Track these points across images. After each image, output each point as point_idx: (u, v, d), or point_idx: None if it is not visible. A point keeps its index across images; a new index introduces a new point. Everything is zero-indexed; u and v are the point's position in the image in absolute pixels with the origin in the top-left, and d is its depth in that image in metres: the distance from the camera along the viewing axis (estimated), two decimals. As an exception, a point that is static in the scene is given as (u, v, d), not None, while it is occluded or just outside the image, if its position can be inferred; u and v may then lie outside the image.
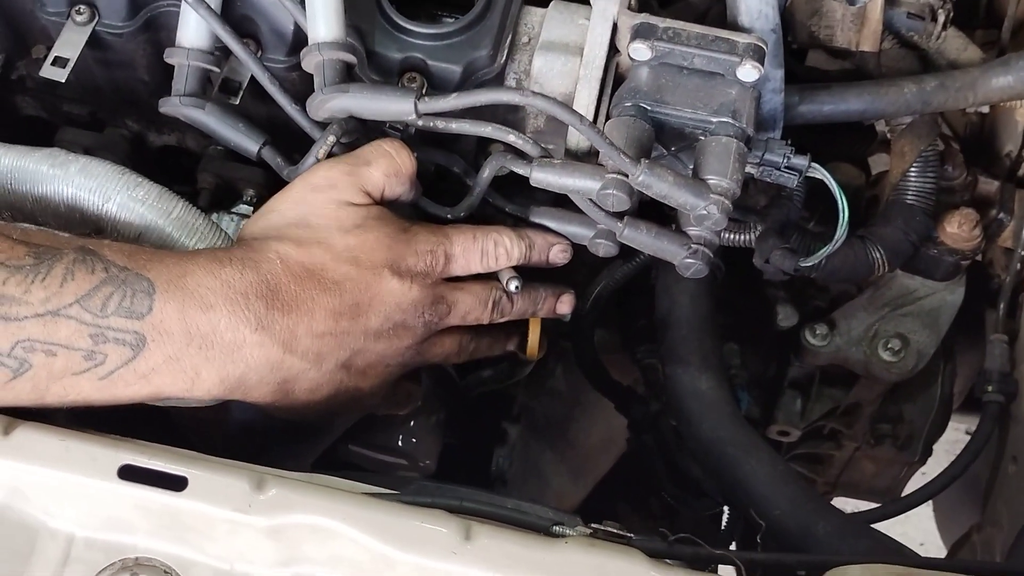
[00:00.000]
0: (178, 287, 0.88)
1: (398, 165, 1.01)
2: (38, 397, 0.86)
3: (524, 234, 1.07)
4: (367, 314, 0.97)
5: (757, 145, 1.06)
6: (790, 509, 1.11)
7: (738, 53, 1.01)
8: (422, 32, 1.04)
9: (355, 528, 0.80)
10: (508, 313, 1.09)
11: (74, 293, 0.85)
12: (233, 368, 0.91)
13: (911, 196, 1.23)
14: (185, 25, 1.01)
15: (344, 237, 0.97)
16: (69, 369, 0.86)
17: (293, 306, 0.93)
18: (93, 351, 0.86)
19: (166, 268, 0.89)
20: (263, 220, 0.99)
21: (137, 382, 0.88)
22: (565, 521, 0.86)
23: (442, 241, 1.02)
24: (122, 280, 0.86)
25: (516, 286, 1.06)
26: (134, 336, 0.86)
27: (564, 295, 1.14)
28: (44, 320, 0.84)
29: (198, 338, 0.89)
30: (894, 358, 1.33)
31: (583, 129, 0.97)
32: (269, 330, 0.92)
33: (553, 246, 1.09)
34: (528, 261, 1.07)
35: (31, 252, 0.85)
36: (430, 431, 1.26)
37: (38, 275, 0.84)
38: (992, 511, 1.28)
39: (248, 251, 0.94)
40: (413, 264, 0.99)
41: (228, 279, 0.90)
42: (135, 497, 0.81)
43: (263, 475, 0.82)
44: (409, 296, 0.99)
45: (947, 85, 1.18)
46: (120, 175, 0.97)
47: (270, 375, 0.93)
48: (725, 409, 1.18)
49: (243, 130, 1.03)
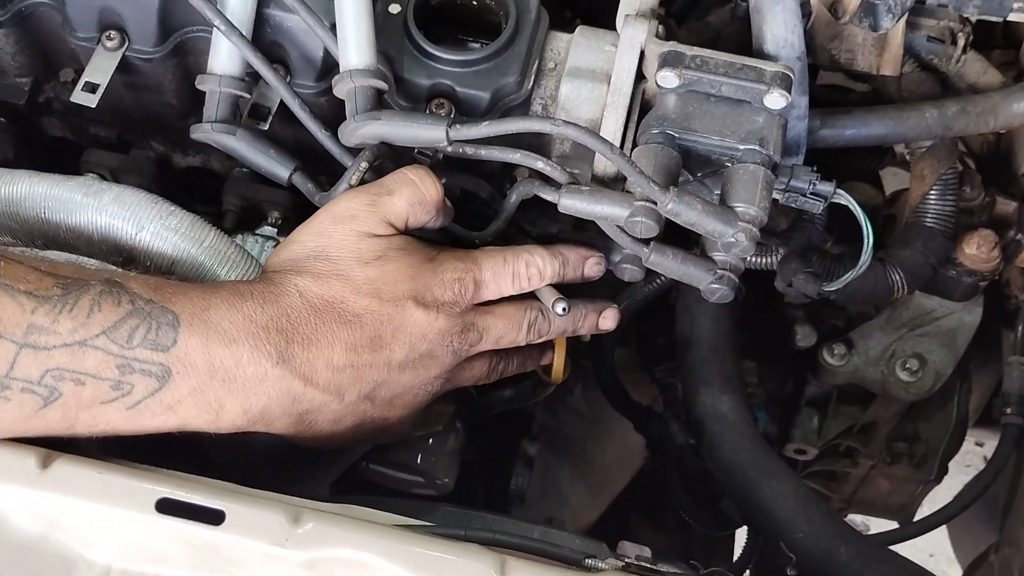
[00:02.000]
0: (202, 320, 0.88)
1: (422, 194, 1.00)
2: (68, 426, 0.87)
3: (557, 251, 1.06)
4: (390, 346, 0.97)
5: (783, 172, 1.06)
6: (812, 532, 1.12)
7: (766, 81, 1.01)
8: (450, 59, 1.04)
9: (391, 562, 0.81)
10: (546, 333, 1.07)
11: (101, 324, 0.85)
12: (256, 401, 0.91)
13: (931, 219, 1.24)
14: (217, 52, 1.02)
15: (364, 269, 0.97)
16: (97, 398, 0.86)
17: (313, 340, 0.93)
18: (120, 381, 0.86)
19: (190, 301, 0.89)
20: (285, 252, 0.98)
21: (163, 413, 0.89)
22: (596, 553, 0.87)
23: (471, 268, 1.01)
24: (147, 313, 0.87)
25: (563, 308, 1.04)
26: (160, 368, 0.87)
27: (607, 310, 1.12)
28: (72, 350, 0.84)
29: (221, 371, 0.89)
30: (912, 378, 1.34)
31: (613, 158, 0.97)
32: (289, 364, 0.92)
33: (587, 259, 1.08)
34: (563, 278, 1.06)
35: (59, 283, 0.85)
36: (449, 449, 1.26)
37: (66, 306, 0.84)
38: (1010, 532, 1.29)
39: (269, 285, 0.94)
40: (440, 294, 0.99)
41: (249, 313, 0.91)
42: (173, 530, 0.81)
43: (300, 508, 0.82)
44: (436, 327, 0.98)
45: (968, 110, 1.19)
46: (153, 204, 0.97)
47: (292, 407, 0.94)
48: (746, 431, 1.19)
49: (274, 156, 1.04)
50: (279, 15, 1.03)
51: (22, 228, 0.98)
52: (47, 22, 1.08)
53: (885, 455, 1.48)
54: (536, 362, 1.15)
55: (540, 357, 1.15)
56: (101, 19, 1.04)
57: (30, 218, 0.98)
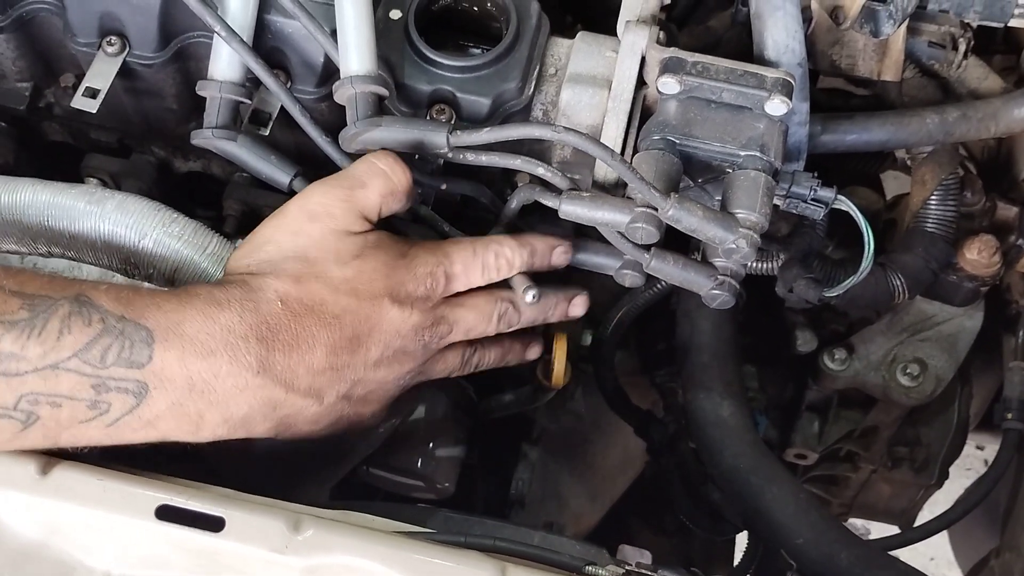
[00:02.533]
0: (176, 334, 0.87)
1: (394, 184, 0.99)
2: (51, 444, 0.86)
3: (525, 241, 1.05)
4: (367, 345, 0.97)
5: (784, 178, 1.06)
6: (813, 538, 1.12)
7: (767, 88, 1.01)
8: (451, 65, 1.05)
9: (391, 569, 0.81)
10: (516, 323, 1.07)
11: (71, 347, 0.84)
12: (236, 410, 0.91)
13: (932, 224, 1.24)
14: (217, 58, 1.02)
15: (342, 269, 0.96)
16: (75, 419, 0.85)
17: (293, 345, 0.92)
18: (97, 400, 0.85)
19: (164, 315, 0.88)
20: (261, 252, 0.96)
21: (143, 428, 0.88)
22: (596, 559, 0.87)
23: (441, 261, 1.01)
24: (120, 331, 0.86)
25: (533, 295, 1.03)
26: (136, 384, 0.86)
27: (576, 297, 1.12)
28: (44, 374, 0.84)
29: (200, 384, 0.88)
30: (912, 383, 1.34)
31: (614, 164, 0.97)
32: (270, 372, 0.91)
33: (555, 248, 1.07)
34: (532, 268, 1.06)
35: (25, 305, 0.84)
36: (449, 454, 1.26)
37: (34, 329, 0.84)
38: (1011, 536, 1.29)
39: (247, 291, 0.92)
40: (413, 289, 0.99)
41: (227, 324, 0.89)
42: (173, 537, 0.82)
43: (300, 515, 0.82)
44: (409, 323, 0.98)
45: (969, 115, 1.19)
46: (156, 211, 0.97)
47: (273, 413, 0.93)
48: (746, 437, 1.19)
49: (275, 162, 1.04)
50: (280, 21, 1.03)
51: (26, 235, 0.97)
52: (48, 27, 1.08)
53: (886, 460, 1.48)
54: (519, 356, 1.14)
55: (523, 351, 1.14)
56: (102, 25, 1.04)
57: (34, 225, 0.98)
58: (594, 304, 1.22)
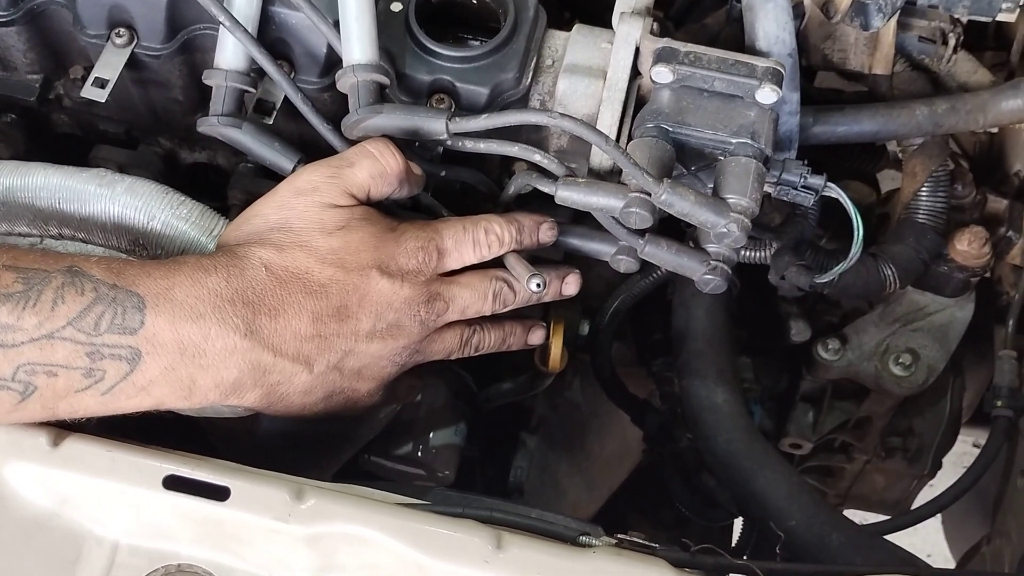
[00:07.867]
0: (167, 299, 0.90)
1: (382, 166, 1.01)
2: (49, 415, 0.89)
3: (512, 218, 1.07)
4: (356, 316, 0.98)
5: (775, 165, 1.09)
6: (805, 520, 1.13)
7: (757, 76, 1.04)
8: (451, 55, 1.07)
9: (390, 537, 0.83)
10: (512, 302, 1.08)
11: (66, 316, 0.87)
12: (227, 374, 0.93)
13: (922, 215, 1.26)
14: (223, 48, 1.04)
15: (327, 239, 0.98)
16: (71, 387, 0.88)
17: (279, 310, 0.95)
18: (92, 368, 0.88)
19: (153, 282, 0.90)
20: (247, 225, 0.99)
21: (138, 394, 0.90)
22: (590, 531, 0.89)
23: (432, 236, 1.02)
24: (112, 298, 0.88)
25: (538, 284, 1.05)
26: (129, 351, 0.88)
27: (569, 275, 1.13)
28: (40, 344, 0.86)
29: (191, 347, 0.91)
30: (905, 373, 1.36)
31: (608, 149, 1.00)
32: (257, 335, 0.93)
33: (541, 225, 1.09)
34: (520, 244, 1.07)
35: (19, 278, 0.87)
36: (449, 442, 1.28)
37: (28, 301, 0.86)
38: (1001, 523, 1.31)
39: (232, 258, 0.95)
40: (404, 263, 1.00)
41: (214, 288, 0.92)
42: (179, 506, 0.84)
43: (302, 486, 0.85)
44: (400, 295, 1.00)
45: (958, 107, 1.21)
46: (164, 195, 1.00)
47: (263, 378, 0.95)
48: (740, 422, 1.21)
49: (278, 149, 1.06)
50: (284, 12, 1.06)
51: (38, 218, 1.00)
52: (58, 20, 1.10)
53: (879, 450, 1.50)
54: (520, 340, 1.15)
55: (524, 335, 1.15)
56: (110, 17, 1.07)
57: (45, 208, 1.00)
58: (591, 294, 1.24)
